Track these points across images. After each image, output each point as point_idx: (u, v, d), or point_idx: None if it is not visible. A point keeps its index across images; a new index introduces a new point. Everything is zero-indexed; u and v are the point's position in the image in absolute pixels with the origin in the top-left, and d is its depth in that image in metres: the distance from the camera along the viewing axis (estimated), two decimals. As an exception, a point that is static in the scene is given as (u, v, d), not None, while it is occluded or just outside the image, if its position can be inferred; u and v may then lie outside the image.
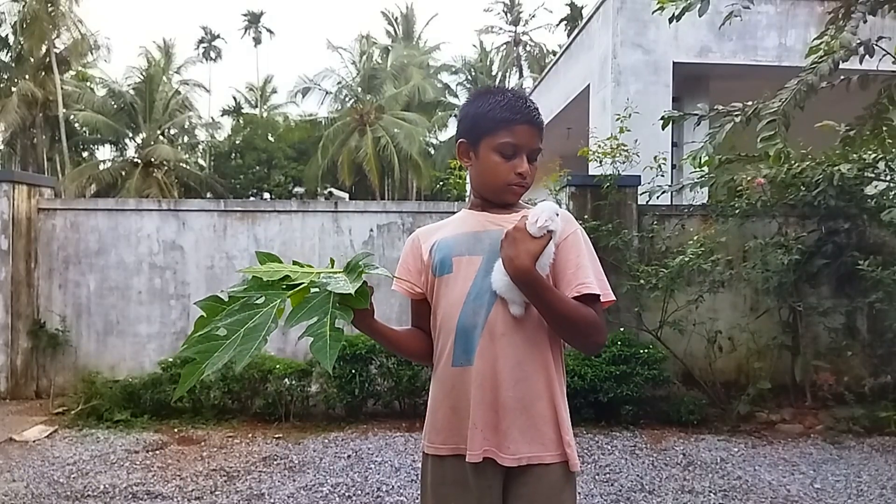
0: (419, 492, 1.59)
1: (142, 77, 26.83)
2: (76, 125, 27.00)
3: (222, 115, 38.43)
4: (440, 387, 1.48)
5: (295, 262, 1.33)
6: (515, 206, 1.54)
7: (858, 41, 2.93)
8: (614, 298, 1.45)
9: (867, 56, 2.99)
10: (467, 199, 1.64)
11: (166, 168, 26.51)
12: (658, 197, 5.67)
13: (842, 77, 3.13)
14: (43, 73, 24.62)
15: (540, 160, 1.54)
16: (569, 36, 15.49)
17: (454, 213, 1.65)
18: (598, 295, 1.40)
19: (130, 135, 27.25)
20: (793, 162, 5.10)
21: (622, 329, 5.39)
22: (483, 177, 1.51)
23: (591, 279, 1.41)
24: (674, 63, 7.73)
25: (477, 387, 1.40)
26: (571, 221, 1.49)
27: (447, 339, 1.45)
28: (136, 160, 26.29)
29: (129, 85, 27.20)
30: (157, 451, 4.41)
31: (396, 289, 1.56)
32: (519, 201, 1.56)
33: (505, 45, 35.30)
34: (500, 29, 35.44)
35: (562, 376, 1.47)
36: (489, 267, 1.41)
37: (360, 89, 30.46)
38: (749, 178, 5.32)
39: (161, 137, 27.42)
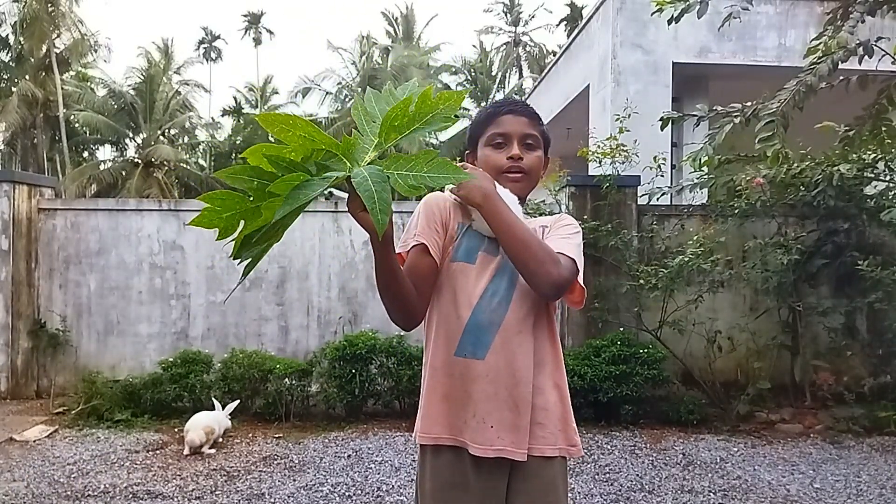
0: (416, 486, 1.55)
1: (142, 77, 26.79)
2: (76, 125, 26.95)
3: (223, 116, 38.40)
4: (435, 374, 1.46)
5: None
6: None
7: (857, 42, 2.94)
8: (580, 269, 1.45)
9: (866, 56, 3.00)
10: None
11: (167, 168, 26.46)
12: (658, 198, 5.67)
13: (841, 77, 3.14)
14: (43, 74, 24.59)
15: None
16: (569, 36, 15.49)
17: None
18: (573, 259, 1.43)
19: (131, 135, 27.20)
20: (792, 162, 5.11)
21: (622, 329, 5.40)
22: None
23: (566, 250, 1.44)
24: (673, 63, 7.73)
25: (489, 382, 1.41)
26: (576, 224, 1.59)
27: (454, 328, 1.43)
28: (136, 160, 26.25)
29: (129, 85, 27.14)
30: (158, 451, 4.41)
31: (423, 240, 1.44)
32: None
33: (505, 46, 35.25)
34: (500, 29, 35.41)
35: (564, 371, 1.53)
36: (504, 268, 1.45)
37: (360, 90, 30.46)
38: (748, 179, 5.32)
39: (161, 137, 27.38)
